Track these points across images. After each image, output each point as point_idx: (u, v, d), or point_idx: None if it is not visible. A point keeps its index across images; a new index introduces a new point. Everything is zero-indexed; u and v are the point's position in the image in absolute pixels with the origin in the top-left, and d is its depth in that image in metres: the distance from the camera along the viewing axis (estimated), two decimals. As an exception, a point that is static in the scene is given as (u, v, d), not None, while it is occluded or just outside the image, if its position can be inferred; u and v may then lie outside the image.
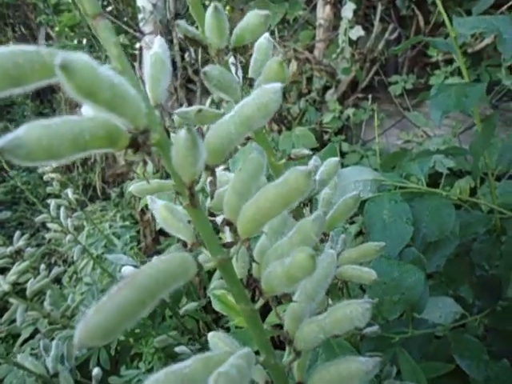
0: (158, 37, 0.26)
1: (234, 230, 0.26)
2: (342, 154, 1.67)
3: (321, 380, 0.28)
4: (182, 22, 0.29)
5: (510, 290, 0.74)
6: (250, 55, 0.36)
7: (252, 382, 0.33)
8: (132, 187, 0.43)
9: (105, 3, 3.00)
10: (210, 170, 0.25)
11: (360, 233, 1.39)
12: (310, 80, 1.75)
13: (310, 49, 1.79)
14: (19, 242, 1.12)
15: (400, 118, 1.69)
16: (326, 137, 1.68)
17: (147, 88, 0.24)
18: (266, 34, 0.34)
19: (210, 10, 0.27)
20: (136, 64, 2.61)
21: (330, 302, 0.49)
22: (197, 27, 0.31)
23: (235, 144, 0.24)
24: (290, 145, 1.66)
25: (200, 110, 0.33)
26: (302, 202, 0.41)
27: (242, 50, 0.33)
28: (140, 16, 2.45)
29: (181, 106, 2.48)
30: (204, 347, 1.02)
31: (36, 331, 1.24)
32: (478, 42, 1.43)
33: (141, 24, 2.45)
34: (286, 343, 0.30)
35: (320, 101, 1.74)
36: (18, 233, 1.17)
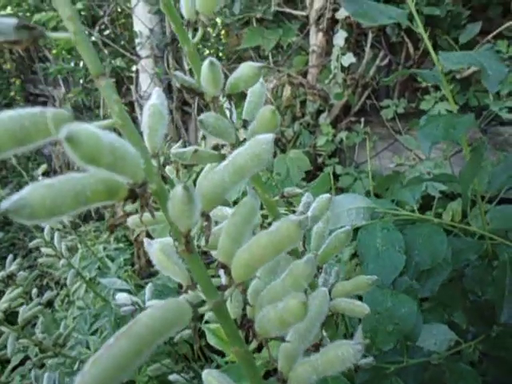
0: (156, 88, 0.27)
1: (228, 273, 0.27)
2: (336, 177, 1.69)
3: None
4: (179, 74, 0.30)
5: (503, 315, 0.74)
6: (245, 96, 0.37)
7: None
8: (128, 220, 0.43)
9: (102, 27, 3.06)
10: (205, 215, 0.26)
11: (354, 255, 1.39)
12: (303, 104, 1.79)
13: (304, 74, 1.83)
14: (11, 266, 1.11)
15: (392, 141, 1.72)
16: (319, 159, 1.70)
17: (145, 138, 0.26)
18: (261, 80, 0.35)
19: (206, 63, 0.28)
20: (132, 87, 2.65)
21: (325, 333, 0.50)
22: (191, 73, 0.32)
23: (229, 191, 0.25)
24: (285, 167, 1.68)
25: (196, 151, 0.35)
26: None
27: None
28: (137, 40, 2.50)
29: (177, 128, 2.51)
30: (198, 375, 1.00)
31: (26, 358, 1.22)
32: (465, 69, 1.47)
33: (137, 48, 2.50)
34: (280, 383, 0.30)
35: (314, 124, 1.77)
36: (10, 257, 1.17)
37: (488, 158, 1.38)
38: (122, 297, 0.81)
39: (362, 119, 1.76)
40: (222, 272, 0.28)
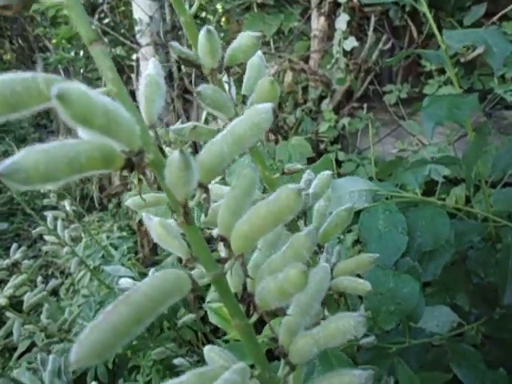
0: (153, 58, 0.27)
1: (227, 246, 0.27)
2: (339, 163, 1.68)
3: (316, 393, 0.28)
4: (175, 44, 0.29)
5: (506, 298, 0.74)
6: (244, 71, 0.37)
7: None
8: (128, 201, 0.43)
9: (102, 15, 3.03)
10: (204, 187, 0.25)
11: (357, 241, 1.39)
12: (305, 90, 1.77)
13: (306, 59, 1.81)
14: (16, 254, 1.12)
15: (395, 127, 1.71)
16: (321, 146, 1.69)
17: (142, 109, 0.25)
18: (259, 52, 0.35)
19: (202, 33, 0.27)
20: (133, 75, 2.63)
21: (327, 313, 0.50)
22: (189, 46, 0.31)
23: (228, 162, 0.25)
24: (287, 154, 1.67)
25: (195, 127, 0.34)
26: (297, 215, 0.42)
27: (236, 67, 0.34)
28: (137, 28, 2.47)
29: (178, 116, 2.49)
30: (202, 359, 1.01)
31: (33, 344, 1.24)
32: (470, 51, 1.45)
33: (137, 36, 2.48)
34: (281, 357, 0.30)
35: (316, 110, 1.76)
36: (14, 245, 1.17)
37: (492, 142, 1.36)
38: (124, 281, 0.81)
39: (365, 105, 1.74)
40: (221, 245, 0.27)
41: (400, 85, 1.70)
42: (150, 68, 0.26)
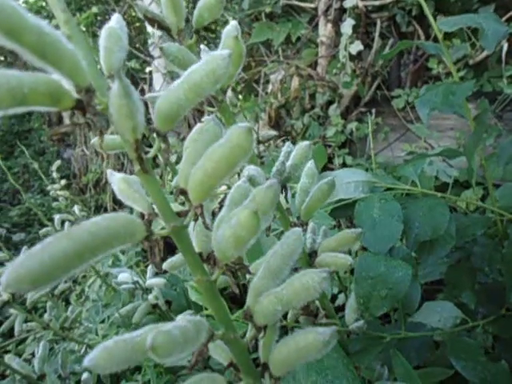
0: (116, 14, 0.27)
1: (187, 199, 0.26)
2: (347, 167, 1.66)
3: (280, 354, 0.27)
4: (140, 3, 0.30)
5: (514, 295, 0.71)
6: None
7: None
8: (93, 140, 0.40)
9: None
10: (162, 136, 0.25)
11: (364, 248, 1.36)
12: (313, 96, 1.77)
13: (313, 66, 1.82)
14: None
15: (404, 131, 1.69)
16: (329, 150, 1.68)
17: (101, 58, 0.25)
18: (234, 22, 0.35)
19: (164, -12, 0.28)
20: (146, 87, 2.70)
21: (317, 303, 0.48)
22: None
23: (185, 110, 0.25)
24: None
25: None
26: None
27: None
28: (150, 41, 2.54)
29: (189, 126, 2.52)
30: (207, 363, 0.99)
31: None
32: (478, 53, 1.43)
33: (150, 48, 2.55)
34: (248, 319, 0.29)
35: (323, 116, 1.75)
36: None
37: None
38: (123, 276, 0.81)
39: (373, 110, 1.73)
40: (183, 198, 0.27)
41: (408, 89, 1.69)
42: (112, 22, 0.26)
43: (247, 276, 0.38)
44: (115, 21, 0.27)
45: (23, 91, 0.20)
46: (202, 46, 0.32)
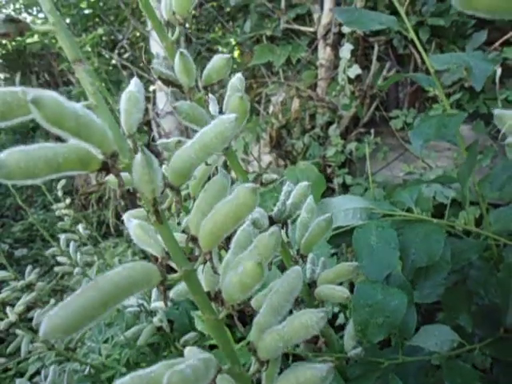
0: (135, 78, 0.30)
1: (197, 245, 0.29)
2: (347, 187, 1.69)
3: (281, 387, 0.30)
4: (156, 66, 0.33)
5: (509, 318, 0.73)
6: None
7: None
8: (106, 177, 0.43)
9: (122, 51, 3.21)
10: (175, 189, 0.28)
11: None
12: (313, 116, 1.82)
13: (313, 87, 1.87)
14: (31, 275, 1.15)
15: (402, 151, 1.73)
16: (329, 170, 1.71)
17: (121, 120, 0.28)
18: (239, 75, 0.38)
19: (177, 56, 0.31)
20: (149, 106, 2.75)
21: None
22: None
23: (196, 167, 0.28)
24: (295, 178, 1.70)
25: (179, 142, 0.37)
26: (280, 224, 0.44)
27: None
28: (154, 61, 2.60)
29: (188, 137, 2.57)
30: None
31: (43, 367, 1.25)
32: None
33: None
34: (252, 354, 0.31)
35: (323, 136, 1.79)
36: (29, 267, 1.21)
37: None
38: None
39: (372, 130, 1.77)
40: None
41: (406, 110, 1.73)
42: (131, 86, 0.30)
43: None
44: (133, 84, 0.30)
45: (58, 161, 0.23)
46: (210, 96, 0.36)
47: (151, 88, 2.89)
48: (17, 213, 3.62)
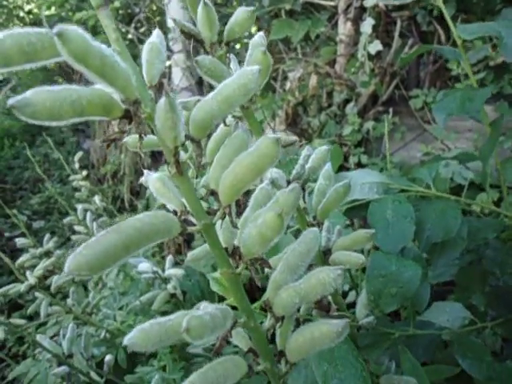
0: (156, 29, 0.30)
1: (217, 199, 0.29)
2: (362, 166, 1.67)
3: (296, 342, 0.30)
4: (178, 18, 0.32)
5: (525, 298, 0.72)
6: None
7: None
8: (128, 140, 0.42)
9: (138, 25, 3.18)
10: (196, 142, 0.28)
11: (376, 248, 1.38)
12: (330, 94, 1.78)
13: (331, 64, 1.83)
14: (49, 243, 1.18)
15: (421, 132, 1.69)
16: (345, 149, 1.69)
17: (143, 70, 0.28)
18: (261, 33, 0.37)
19: (200, 5, 0.30)
20: (165, 80, 2.74)
21: (330, 298, 0.51)
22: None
23: (218, 119, 0.28)
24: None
25: (198, 100, 0.37)
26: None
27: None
28: (170, 35, 2.57)
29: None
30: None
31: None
32: (499, 55, 1.42)
33: (170, 43, 2.58)
34: (268, 310, 0.32)
35: (340, 114, 1.76)
36: (47, 235, 1.24)
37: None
38: (143, 265, 0.85)
39: (390, 109, 1.73)
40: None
41: (427, 89, 1.69)
42: (153, 37, 0.29)
43: (265, 271, 0.41)
44: (155, 35, 0.30)
45: (82, 103, 0.23)
46: (231, 56, 0.35)
47: (167, 63, 2.88)
48: (35, 185, 3.69)
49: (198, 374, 0.28)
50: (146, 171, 0.32)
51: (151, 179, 0.31)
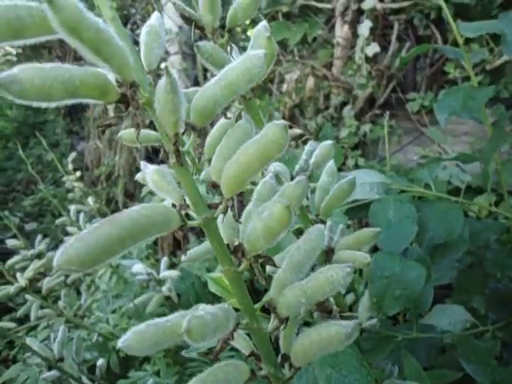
0: (155, 12, 0.28)
1: (219, 192, 0.27)
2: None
3: (302, 345, 0.28)
4: (179, 2, 0.31)
5: (526, 301, 0.71)
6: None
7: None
8: (123, 135, 0.40)
9: (134, 27, 3.16)
10: (198, 131, 0.26)
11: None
12: (327, 96, 1.78)
13: (328, 66, 1.82)
14: (40, 245, 1.15)
15: (418, 135, 1.69)
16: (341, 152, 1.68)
17: (141, 55, 0.26)
18: (264, 23, 0.36)
19: (202, -13, 0.29)
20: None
21: (332, 300, 0.49)
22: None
23: (220, 106, 0.26)
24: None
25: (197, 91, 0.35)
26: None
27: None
28: (166, 37, 2.56)
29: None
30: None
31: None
32: (496, 58, 1.42)
33: (166, 45, 2.56)
34: (271, 310, 0.30)
35: (337, 117, 1.76)
36: (39, 237, 1.21)
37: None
38: (137, 267, 0.83)
39: (387, 112, 1.73)
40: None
41: (424, 93, 1.69)
42: (152, 20, 0.28)
43: (267, 270, 0.39)
44: (154, 18, 0.28)
45: (75, 83, 0.21)
46: (232, 45, 0.34)
47: (163, 65, 2.86)
48: (28, 187, 3.64)
49: (197, 379, 0.26)
50: (142, 162, 0.30)
51: (149, 171, 0.29)
